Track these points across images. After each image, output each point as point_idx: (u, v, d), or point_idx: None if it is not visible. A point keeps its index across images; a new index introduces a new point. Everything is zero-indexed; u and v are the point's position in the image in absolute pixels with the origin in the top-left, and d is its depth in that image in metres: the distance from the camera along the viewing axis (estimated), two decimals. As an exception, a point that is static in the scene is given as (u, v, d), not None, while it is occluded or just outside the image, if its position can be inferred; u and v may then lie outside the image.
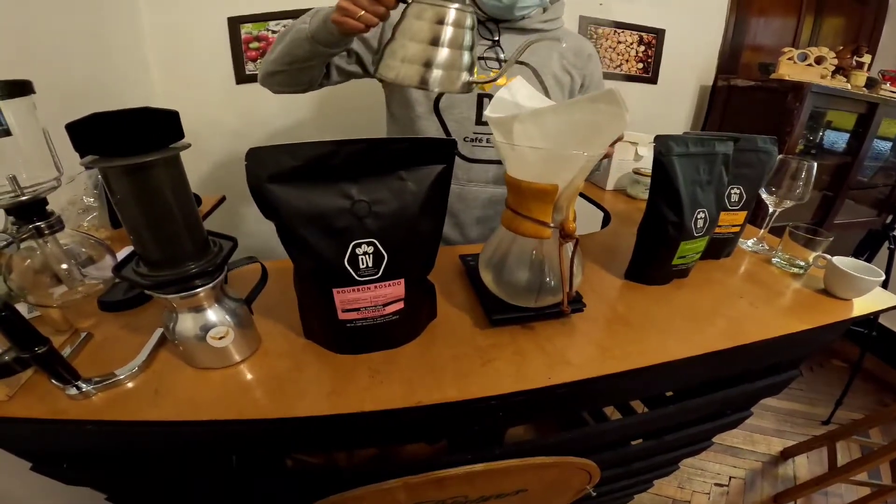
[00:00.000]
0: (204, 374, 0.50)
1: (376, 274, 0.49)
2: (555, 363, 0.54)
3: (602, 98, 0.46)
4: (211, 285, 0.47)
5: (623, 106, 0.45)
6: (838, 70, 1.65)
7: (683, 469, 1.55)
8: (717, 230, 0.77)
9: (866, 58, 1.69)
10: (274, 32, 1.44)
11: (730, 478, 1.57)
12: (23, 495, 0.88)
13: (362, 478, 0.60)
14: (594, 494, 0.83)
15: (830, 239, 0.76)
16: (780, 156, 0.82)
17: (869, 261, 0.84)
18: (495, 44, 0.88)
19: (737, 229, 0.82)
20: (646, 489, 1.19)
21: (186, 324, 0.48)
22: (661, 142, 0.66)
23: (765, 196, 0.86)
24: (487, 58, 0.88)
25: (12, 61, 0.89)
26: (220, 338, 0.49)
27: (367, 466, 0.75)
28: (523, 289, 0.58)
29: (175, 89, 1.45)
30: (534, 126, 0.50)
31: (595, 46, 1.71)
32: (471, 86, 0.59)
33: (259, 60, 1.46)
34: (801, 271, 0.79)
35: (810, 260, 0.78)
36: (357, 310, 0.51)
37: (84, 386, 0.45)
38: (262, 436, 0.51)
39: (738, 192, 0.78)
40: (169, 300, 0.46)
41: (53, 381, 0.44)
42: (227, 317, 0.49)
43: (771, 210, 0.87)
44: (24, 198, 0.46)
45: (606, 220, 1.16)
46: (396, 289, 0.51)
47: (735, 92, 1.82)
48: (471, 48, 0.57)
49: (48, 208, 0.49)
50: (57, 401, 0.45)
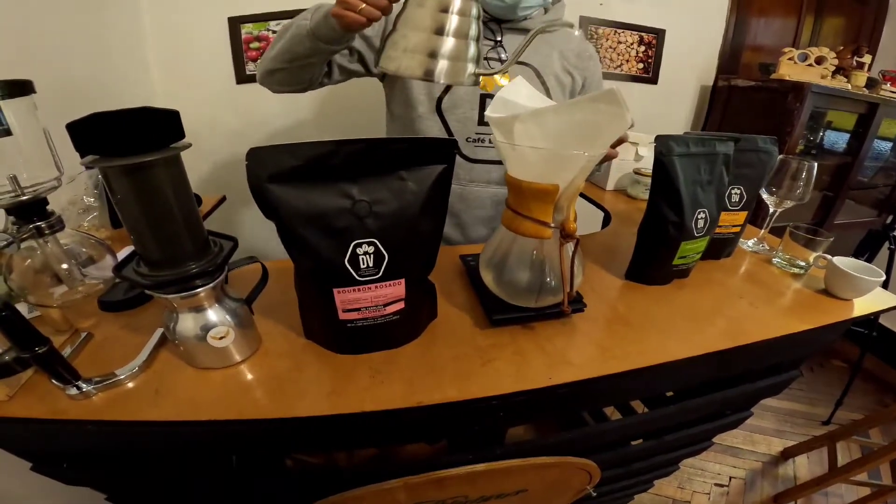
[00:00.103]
0: (204, 374, 0.50)
1: (377, 274, 0.49)
2: (555, 363, 0.54)
3: (603, 98, 0.46)
4: (211, 285, 0.47)
5: (624, 106, 0.45)
6: (839, 70, 1.65)
7: (683, 469, 1.55)
8: (717, 230, 0.77)
9: (866, 58, 1.69)
10: (274, 32, 1.44)
11: (730, 478, 1.57)
12: (23, 495, 0.88)
13: (362, 478, 0.60)
14: (594, 494, 0.83)
15: (831, 239, 0.76)
16: (780, 156, 0.82)
17: (869, 261, 0.84)
18: (497, 44, 0.88)
19: (737, 229, 0.82)
20: (646, 489, 1.19)
21: (187, 324, 0.48)
22: (661, 142, 0.66)
23: (765, 196, 0.86)
24: (490, 58, 0.88)
25: (13, 61, 0.89)
26: (221, 338, 0.49)
27: (367, 466, 0.75)
28: (524, 289, 0.58)
29: (175, 89, 1.45)
30: (535, 126, 0.50)
31: (595, 47, 1.71)
32: (478, 78, 0.56)
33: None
34: (802, 271, 0.79)
35: (811, 260, 0.78)
36: (357, 310, 0.51)
37: (84, 386, 0.45)
38: (263, 436, 0.51)
39: (738, 192, 0.78)
40: (169, 300, 0.46)
41: (54, 381, 0.44)
42: (227, 317, 0.49)
43: (771, 210, 0.87)
44: (24, 197, 0.46)
45: (607, 221, 1.16)
46: (397, 289, 0.51)
47: (735, 92, 1.82)
48: (477, 39, 0.54)
49: (48, 208, 0.49)
50: (57, 401, 0.45)
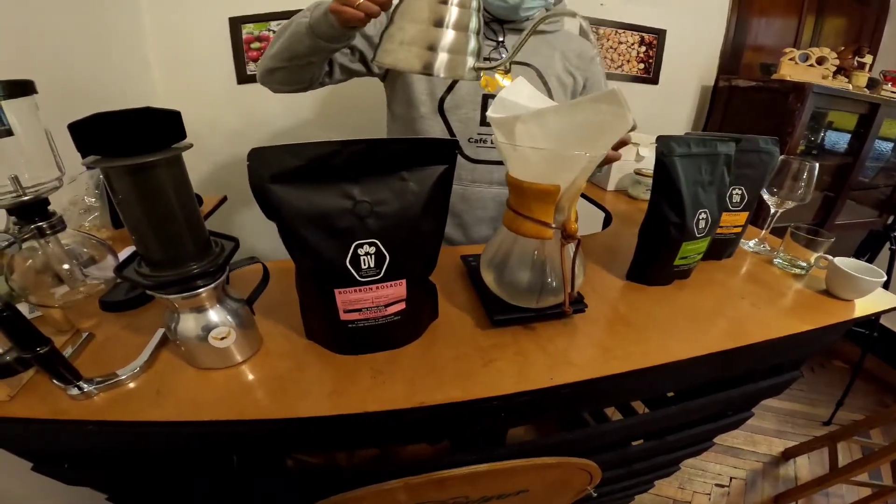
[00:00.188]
0: (205, 375, 0.50)
1: (378, 274, 0.49)
2: (557, 364, 0.54)
3: (604, 98, 0.46)
4: (213, 286, 0.47)
5: (625, 106, 0.45)
6: (839, 70, 1.65)
7: (684, 469, 1.55)
8: (718, 231, 0.77)
9: (868, 58, 1.69)
10: (275, 32, 1.44)
11: (731, 478, 1.56)
12: (23, 495, 0.88)
13: (363, 478, 0.60)
14: (595, 495, 0.83)
15: (832, 240, 0.76)
16: (781, 156, 0.82)
17: (870, 261, 0.84)
18: (499, 45, 0.88)
19: (738, 230, 0.82)
20: (647, 489, 1.19)
21: (188, 324, 0.48)
22: (662, 142, 0.66)
23: (766, 197, 0.86)
24: (492, 59, 0.88)
25: (13, 61, 0.89)
26: (222, 338, 0.49)
27: (368, 467, 0.75)
28: (525, 289, 0.58)
29: (176, 89, 1.45)
30: (536, 126, 0.50)
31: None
32: (478, 73, 0.54)
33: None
34: (803, 272, 0.79)
35: (812, 261, 0.78)
36: (359, 310, 0.51)
37: (85, 386, 0.45)
38: (264, 436, 0.50)
39: (739, 192, 0.78)
40: (171, 300, 0.46)
41: (55, 382, 0.44)
42: (228, 317, 0.49)
43: (772, 211, 0.87)
44: (25, 198, 0.46)
45: (608, 221, 1.16)
46: (398, 289, 0.51)
47: (736, 92, 1.82)
48: (477, 32, 0.53)
49: (50, 208, 0.49)
50: (58, 401, 0.45)
